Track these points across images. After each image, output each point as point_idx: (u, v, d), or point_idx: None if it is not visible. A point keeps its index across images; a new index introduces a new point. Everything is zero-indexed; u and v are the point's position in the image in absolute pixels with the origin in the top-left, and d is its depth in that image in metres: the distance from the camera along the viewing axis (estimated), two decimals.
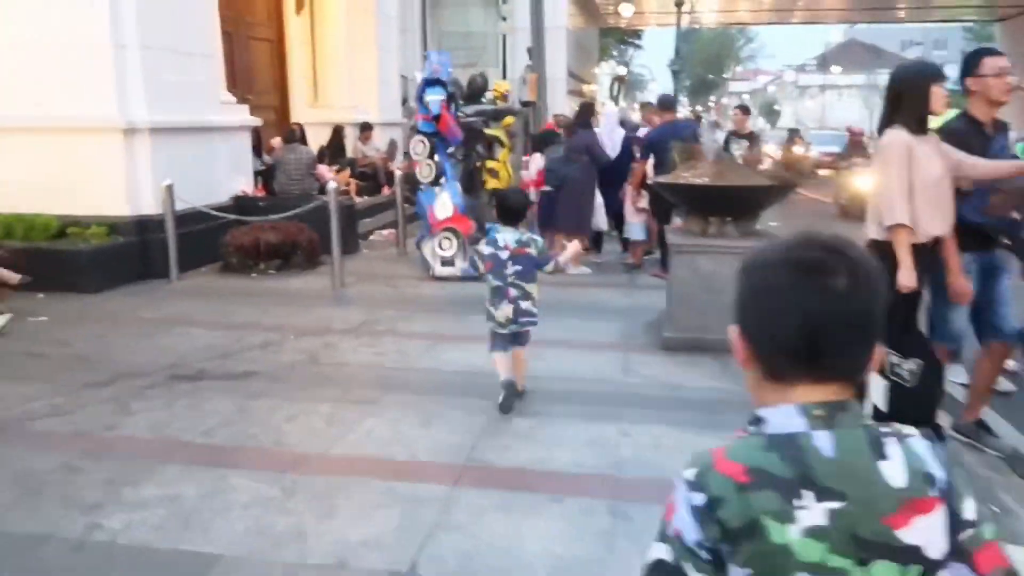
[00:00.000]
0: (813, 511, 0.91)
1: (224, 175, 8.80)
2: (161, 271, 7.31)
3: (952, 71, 4.47)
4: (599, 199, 8.08)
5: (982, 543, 0.94)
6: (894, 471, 0.92)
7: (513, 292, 3.90)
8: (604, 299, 6.75)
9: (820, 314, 0.93)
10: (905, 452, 0.94)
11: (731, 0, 27.91)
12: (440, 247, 7.43)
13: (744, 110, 10.52)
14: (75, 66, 7.08)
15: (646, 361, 4.91)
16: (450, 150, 7.56)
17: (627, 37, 45.87)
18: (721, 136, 9.12)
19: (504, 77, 18.36)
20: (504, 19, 17.84)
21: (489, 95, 10.52)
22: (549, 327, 5.13)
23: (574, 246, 4.40)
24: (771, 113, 69.43)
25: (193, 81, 8.02)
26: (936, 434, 3.32)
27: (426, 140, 7.35)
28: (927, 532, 0.92)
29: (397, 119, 14.22)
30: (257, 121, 9.55)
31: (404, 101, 14.69)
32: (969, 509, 0.94)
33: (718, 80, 72.24)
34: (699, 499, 0.95)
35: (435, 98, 7.26)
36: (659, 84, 73.31)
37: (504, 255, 3.90)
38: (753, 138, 10.04)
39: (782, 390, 0.97)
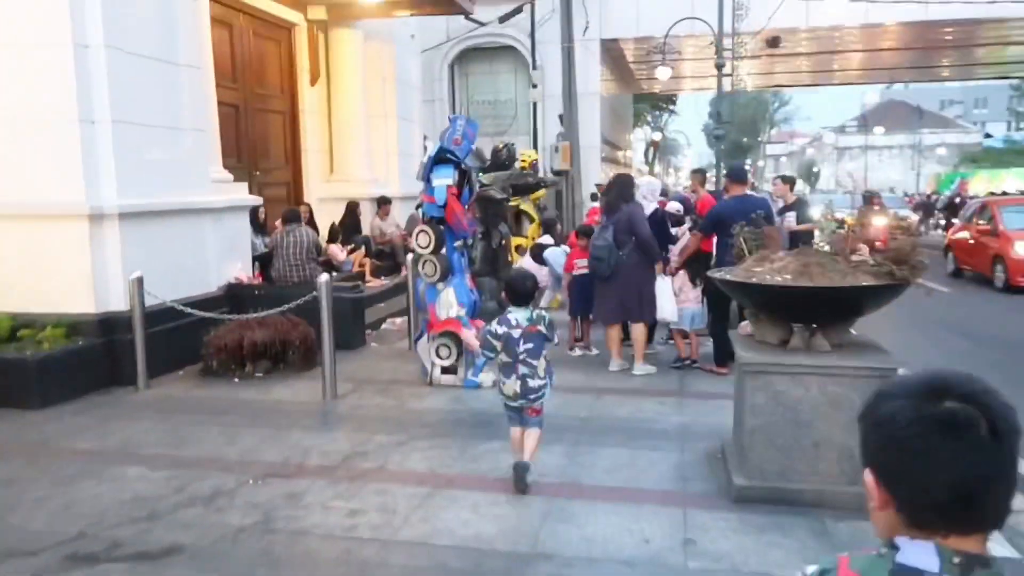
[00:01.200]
0: None
1: (214, 261, 7.81)
2: (129, 377, 6.26)
3: (995, 129, 3.22)
4: (662, 284, 6.79)
5: None
6: None
7: (522, 369, 4.04)
8: (653, 414, 5.47)
9: (972, 473, 0.92)
10: None
11: (769, 63, 27.07)
12: (438, 354, 6.28)
13: (785, 180, 9.39)
14: (35, 144, 6.19)
15: (712, 526, 3.61)
16: (457, 243, 6.45)
17: (661, 103, 45.41)
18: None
19: (535, 146, 17.51)
20: (535, 86, 17.06)
21: (516, 166, 9.54)
22: (585, 459, 4.54)
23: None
24: (810, 175, 68.10)
25: (176, 158, 7.11)
26: None
27: (430, 231, 6.24)
28: None
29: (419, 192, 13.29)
30: (256, 200, 8.62)
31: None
32: None
33: (753, 143, 71.36)
34: None
35: (442, 182, 6.18)
36: (694, 149, 72.97)
37: (516, 334, 4.07)
38: (799, 205, 8.86)
39: (923, 533, 0.96)
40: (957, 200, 22.51)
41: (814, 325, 3.92)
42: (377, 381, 6.51)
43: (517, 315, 4.12)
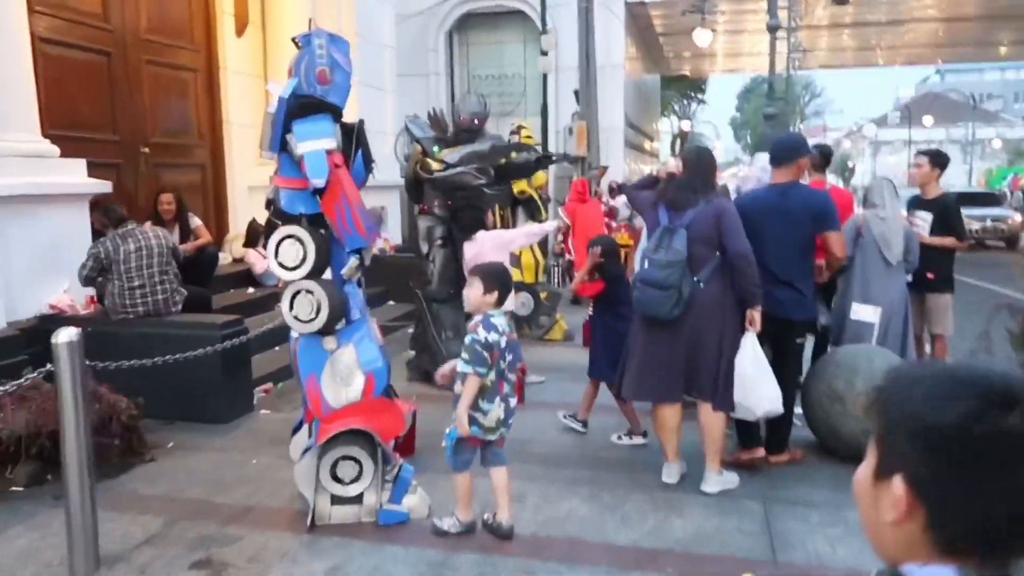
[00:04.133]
0: None
1: (27, 277, 4.99)
2: None
3: None
4: (749, 345, 3.80)
5: None
6: None
7: (506, 387, 3.27)
8: None
9: None
10: None
11: (814, 36, 23.79)
12: (335, 476, 3.32)
13: (937, 159, 6.25)
14: None
15: None
16: (351, 265, 3.50)
17: (690, 91, 42.23)
18: None
19: (544, 127, 14.51)
20: (545, 53, 14.05)
21: (505, 139, 6.53)
22: None
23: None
24: (844, 170, 64.31)
25: None
26: None
27: (303, 237, 3.29)
28: None
29: (391, 180, 10.36)
30: (104, 187, 5.71)
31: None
32: None
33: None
34: None
35: (315, 145, 3.26)
36: (723, 142, 69.38)
37: (504, 342, 3.22)
38: (945, 205, 5.80)
39: (951, 559, 0.82)
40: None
41: None
42: (217, 512, 3.57)
43: (500, 319, 3.27)
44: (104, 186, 5.67)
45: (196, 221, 6.63)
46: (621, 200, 12.70)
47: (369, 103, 9.79)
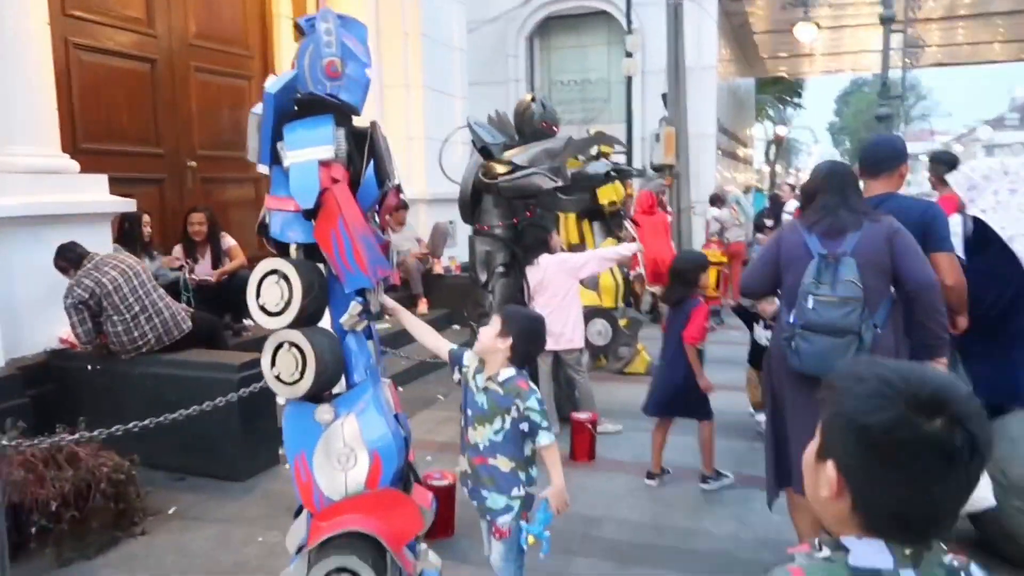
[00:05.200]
0: None
1: (35, 308, 4.47)
2: None
3: None
4: None
5: None
6: None
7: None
8: None
9: (951, 496, 0.94)
10: None
11: (925, 32, 21.79)
12: None
13: None
14: None
15: None
16: (353, 310, 2.60)
17: (785, 95, 40.18)
18: None
19: (629, 134, 13.52)
20: (629, 55, 13.07)
21: (577, 138, 5.61)
22: None
23: None
24: None
25: None
26: None
27: (290, 273, 2.46)
28: None
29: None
30: (127, 204, 5.14)
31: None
32: None
33: None
34: None
35: (306, 155, 2.47)
36: (820, 147, 65.97)
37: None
38: None
39: (875, 535, 0.96)
40: None
41: None
42: None
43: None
44: (127, 204, 5.11)
45: (229, 241, 6.01)
46: (714, 212, 11.60)
47: (436, 110, 9.10)
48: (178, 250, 5.94)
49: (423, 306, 7.90)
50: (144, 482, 3.95)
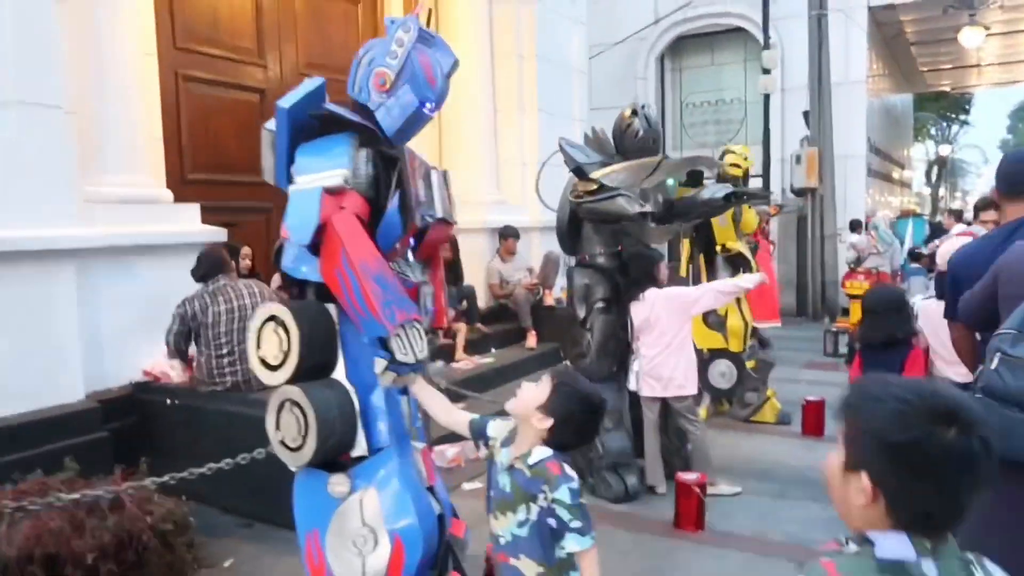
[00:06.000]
0: None
1: (119, 339, 4.42)
2: None
3: None
4: None
5: None
6: None
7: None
8: None
9: (974, 496, 1.07)
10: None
11: None
12: None
13: None
14: None
15: None
16: (381, 358, 2.16)
17: (949, 112, 36.98)
18: None
19: (767, 157, 12.58)
20: (767, 71, 12.19)
21: (677, 160, 4.97)
22: None
23: None
24: None
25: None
26: None
27: (287, 318, 2.10)
28: None
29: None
30: (219, 234, 5.04)
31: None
32: None
33: None
34: None
35: (314, 179, 2.16)
36: (991, 168, 60.05)
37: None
38: None
39: (900, 529, 1.09)
40: None
41: None
42: None
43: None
44: (218, 233, 5.01)
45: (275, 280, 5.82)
46: (852, 239, 10.48)
47: (551, 134, 8.68)
48: (276, 280, 5.82)
49: (532, 340, 7.47)
50: (208, 528, 3.73)
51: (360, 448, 2.15)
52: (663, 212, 4.34)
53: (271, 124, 2.30)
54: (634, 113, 4.65)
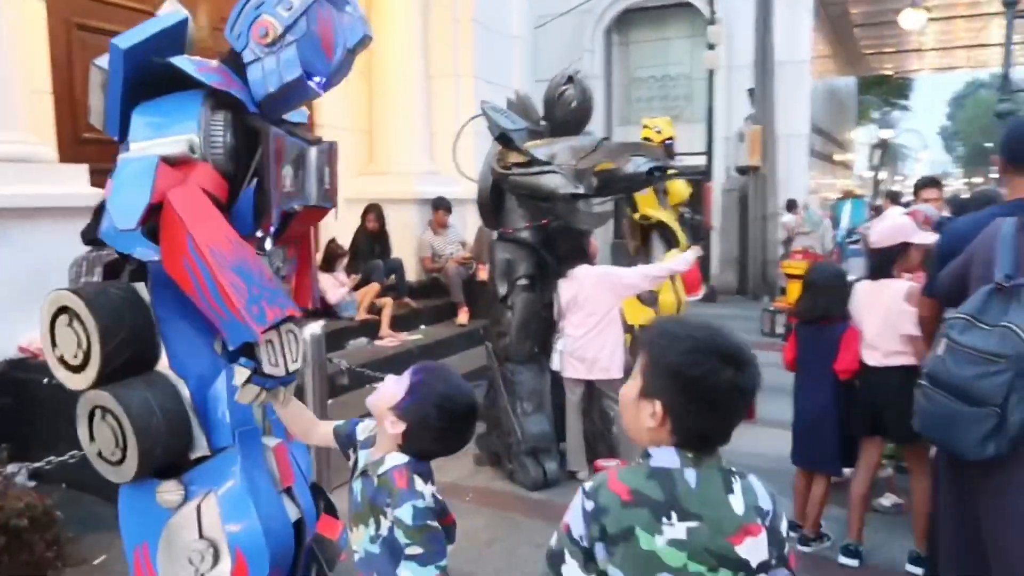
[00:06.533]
0: (677, 528, 1.23)
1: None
2: None
3: None
4: None
5: (790, 550, 1.32)
6: (737, 503, 1.27)
7: None
8: None
9: (736, 420, 1.30)
10: (744, 488, 1.29)
11: None
12: None
13: None
14: None
15: None
16: (242, 366, 1.71)
17: (891, 97, 37.63)
18: None
19: (710, 135, 12.47)
20: (712, 47, 12.03)
21: (604, 141, 4.69)
22: None
23: None
24: None
25: None
26: None
27: (81, 317, 1.76)
28: (754, 549, 1.25)
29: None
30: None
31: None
32: (784, 528, 1.32)
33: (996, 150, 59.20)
34: (589, 505, 1.27)
35: (148, 148, 1.75)
36: (930, 153, 61.68)
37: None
38: None
39: (678, 446, 1.30)
40: None
41: None
42: None
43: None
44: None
45: None
46: (787, 218, 10.45)
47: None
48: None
49: (464, 316, 7.19)
50: (87, 520, 3.40)
51: (201, 448, 1.84)
52: (593, 190, 4.08)
53: (102, 61, 1.92)
54: (569, 80, 4.35)
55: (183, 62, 1.86)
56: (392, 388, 1.70)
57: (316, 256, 2.47)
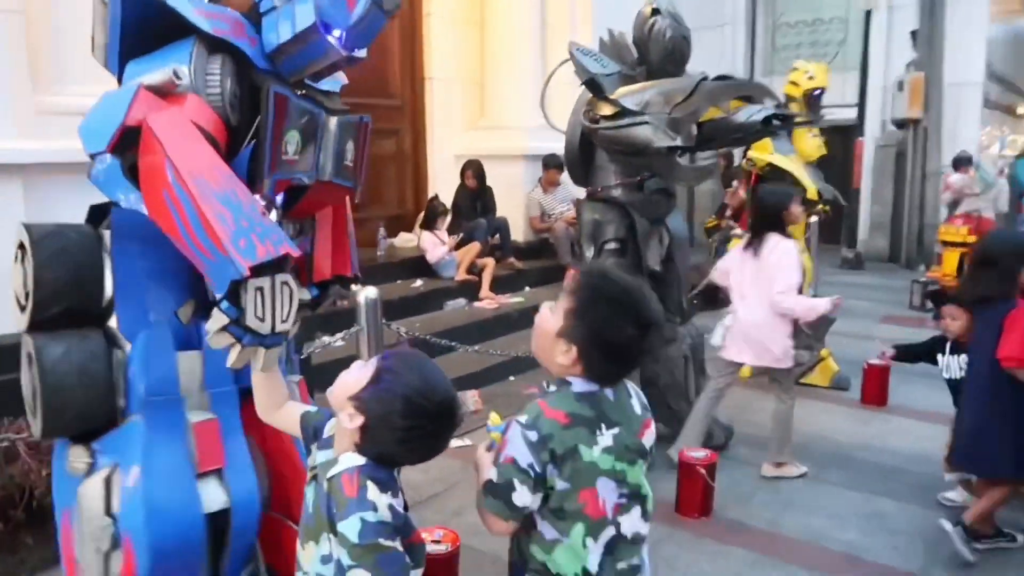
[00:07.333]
0: (606, 436, 1.47)
1: None
2: None
3: None
4: None
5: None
6: (636, 404, 1.57)
7: None
8: None
9: (638, 362, 1.55)
10: (635, 392, 1.60)
11: None
12: None
13: None
14: None
15: None
16: (222, 311, 1.45)
17: None
18: None
19: (863, 83, 11.24)
20: None
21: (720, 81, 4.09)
22: None
23: None
24: None
25: None
26: None
27: (27, 250, 1.61)
28: (650, 437, 1.56)
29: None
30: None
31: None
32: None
33: None
34: (533, 436, 1.43)
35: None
36: None
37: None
38: None
39: (586, 376, 1.52)
40: None
41: None
42: None
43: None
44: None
45: None
46: (954, 177, 9.23)
47: None
48: None
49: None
50: None
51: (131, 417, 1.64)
52: (693, 142, 3.57)
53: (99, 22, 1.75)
54: (655, 11, 3.82)
55: (180, 3, 1.66)
56: (356, 374, 1.41)
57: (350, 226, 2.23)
